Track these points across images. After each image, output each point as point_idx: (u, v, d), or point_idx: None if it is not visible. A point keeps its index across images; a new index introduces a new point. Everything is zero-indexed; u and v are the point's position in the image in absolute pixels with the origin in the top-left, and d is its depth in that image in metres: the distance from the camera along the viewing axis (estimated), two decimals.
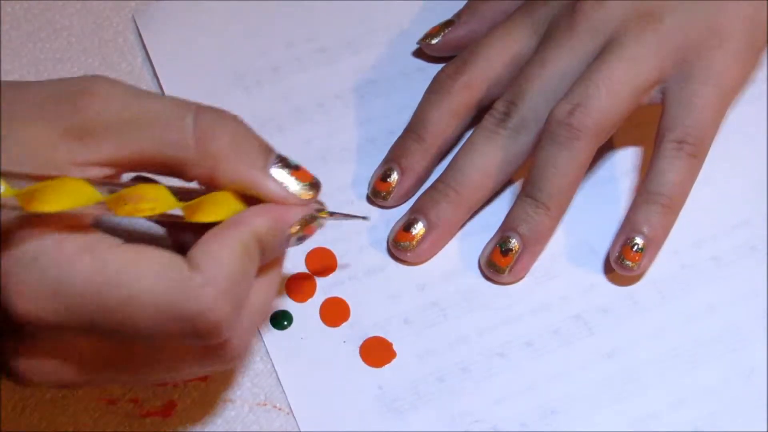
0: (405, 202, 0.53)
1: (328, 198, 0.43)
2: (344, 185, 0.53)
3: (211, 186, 0.40)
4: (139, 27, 0.58)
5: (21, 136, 0.37)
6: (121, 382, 0.44)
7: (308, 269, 0.51)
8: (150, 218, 0.38)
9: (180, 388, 0.48)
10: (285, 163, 0.40)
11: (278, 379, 0.48)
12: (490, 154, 0.50)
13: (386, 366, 0.48)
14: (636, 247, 0.49)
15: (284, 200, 0.40)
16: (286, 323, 0.49)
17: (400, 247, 0.51)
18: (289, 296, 0.50)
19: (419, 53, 0.58)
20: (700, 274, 0.51)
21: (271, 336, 0.49)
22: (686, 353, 0.49)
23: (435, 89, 0.53)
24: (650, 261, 0.49)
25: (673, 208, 0.49)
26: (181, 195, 0.39)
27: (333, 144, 0.55)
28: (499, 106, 0.51)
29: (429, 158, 0.52)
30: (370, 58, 0.58)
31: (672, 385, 0.48)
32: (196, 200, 0.39)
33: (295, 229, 0.40)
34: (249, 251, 0.39)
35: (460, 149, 0.51)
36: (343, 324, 0.49)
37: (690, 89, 0.49)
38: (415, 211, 0.51)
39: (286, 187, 0.40)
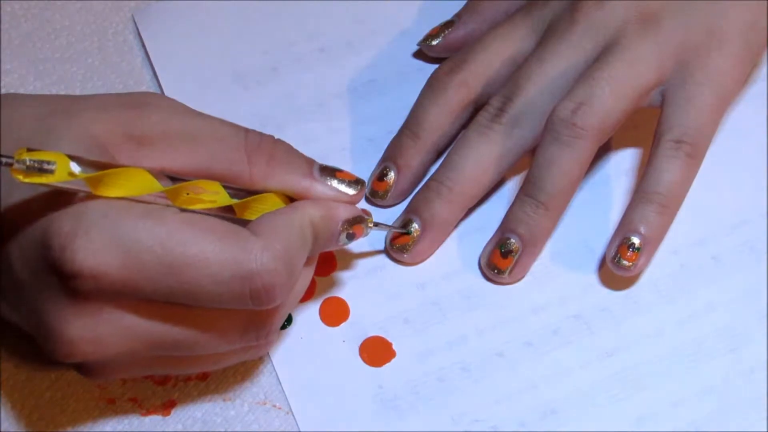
0: (403, 200, 0.53)
1: None
2: None
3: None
4: (139, 27, 0.58)
5: (89, 130, 0.40)
6: (161, 364, 0.44)
7: None
8: (208, 211, 0.41)
9: (180, 387, 0.48)
10: (327, 168, 0.45)
11: (278, 378, 0.48)
12: (484, 149, 0.50)
13: (386, 365, 0.48)
14: (633, 246, 0.49)
15: (335, 198, 0.44)
16: (285, 323, 0.49)
17: (396, 249, 0.51)
18: None
19: (419, 54, 0.58)
20: (700, 274, 0.51)
21: None
22: (686, 353, 0.49)
23: (431, 87, 0.53)
24: (647, 261, 0.49)
25: (670, 208, 0.49)
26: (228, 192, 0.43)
27: (332, 144, 0.55)
28: (495, 102, 0.50)
29: (425, 155, 0.52)
30: (370, 58, 0.58)
31: (672, 385, 0.48)
32: (247, 199, 0.42)
33: (344, 225, 0.44)
34: (303, 231, 0.42)
35: (454, 145, 0.51)
36: (343, 323, 0.49)
37: (689, 90, 0.49)
38: (409, 211, 0.51)
39: (333, 187, 0.44)
